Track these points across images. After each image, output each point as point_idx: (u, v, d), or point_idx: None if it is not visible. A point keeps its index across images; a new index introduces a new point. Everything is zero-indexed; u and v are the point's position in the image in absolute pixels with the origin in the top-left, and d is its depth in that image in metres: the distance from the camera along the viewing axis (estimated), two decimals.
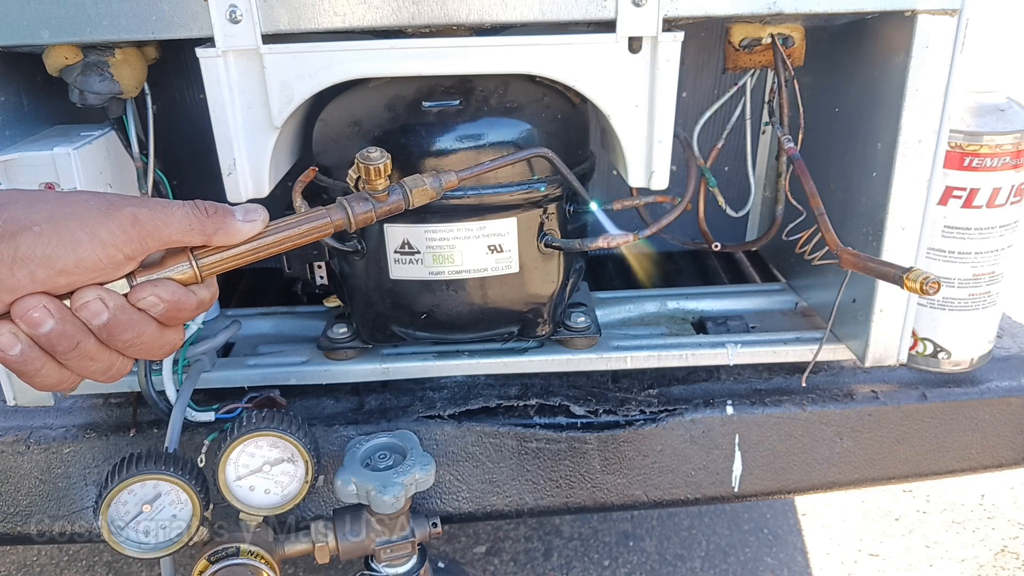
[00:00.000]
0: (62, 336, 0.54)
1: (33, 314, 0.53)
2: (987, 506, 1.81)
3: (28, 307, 0.53)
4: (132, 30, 0.78)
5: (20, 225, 0.52)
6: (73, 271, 0.54)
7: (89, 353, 0.56)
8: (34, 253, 0.52)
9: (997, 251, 0.97)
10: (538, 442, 0.97)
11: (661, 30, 0.80)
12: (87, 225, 0.54)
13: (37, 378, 0.56)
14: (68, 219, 0.53)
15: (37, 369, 0.55)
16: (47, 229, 0.53)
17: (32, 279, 0.53)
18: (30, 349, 0.54)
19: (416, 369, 1.01)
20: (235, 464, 0.82)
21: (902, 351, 0.98)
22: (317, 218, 0.63)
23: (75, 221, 0.54)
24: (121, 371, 0.59)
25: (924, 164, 0.88)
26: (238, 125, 0.84)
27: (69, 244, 0.53)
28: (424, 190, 0.67)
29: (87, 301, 0.55)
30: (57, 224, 0.53)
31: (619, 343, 1.03)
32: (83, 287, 0.55)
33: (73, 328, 0.55)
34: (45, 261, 0.52)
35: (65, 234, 0.53)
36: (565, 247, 0.93)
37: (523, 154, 0.83)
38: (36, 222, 0.53)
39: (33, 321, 0.53)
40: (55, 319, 0.54)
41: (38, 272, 0.52)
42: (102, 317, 0.55)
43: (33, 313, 0.53)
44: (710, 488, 1.01)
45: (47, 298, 0.54)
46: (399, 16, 0.79)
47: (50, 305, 0.54)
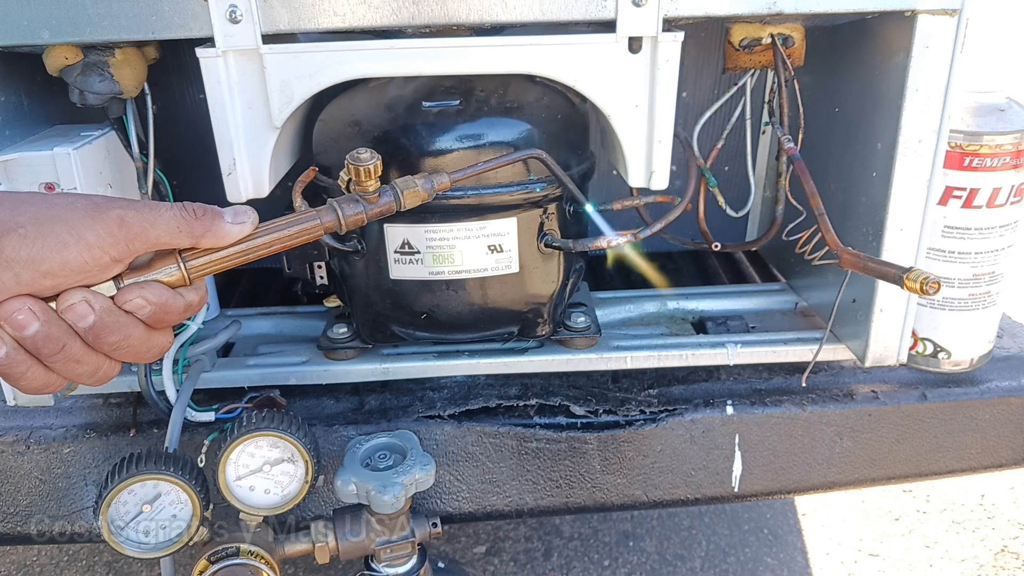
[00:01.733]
0: (47, 339, 0.54)
1: (18, 316, 0.53)
2: (987, 506, 1.81)
3: (13, 309, 0.53)
4: (132, 30, 0.78)
5: (5, 227, 0.52)
6: (59, 273, 0.53)
7: (75, 356, 0.56)
8: (19, 255, 0.52)
9: (997, 251, 0.97)
10: (538, 442, 0.97)
11: (661, 30, 0.80)
12: (73, 227, 0.53)
13: (23, 381, 0.56)
14: (54, 221, 0.53)
15: (23, 372, 0.55)
16: (32, 231, 0.52)
17: (17, 281, 0.52)
18: (15, 352, 0.54)
19: (416, 369, 1.01)
20: (235, 464, 0.82)
21: (902, 351, 0.98)
22: (306, 220, 0.63)
23: (61, 223, 0.53)
24: (108, 374, 0.58)
25: (924, 164, 0.88)
26: (238, 125, 0.84)
27: (55, 246, 0.52)
28: (416, 192, 0.67)
29: (73, 303, 0.54)
30: (43, 226, 0.53)
31: (619, 343, 1.03)
32: (69, 289, 0.54)
33: (59, 331, 0.54)
34: (30, 263, 0.52)
35: (50, 236, 0.52)
36: (565, 247, 0.93)
37: (517, 155, 0.83)
38: (21, 224, 0.52)
39: (18, 323, 0.53)
40: (40, 321, 0.53)
41: (23, 274, 0.52)
42: (88, 320, 0.54)
43: (18, 315, 0.53)
44: (710, 488, 1.01)
45: (32, 300, 0.53)
46: (399, 16, 0.79)
47: (35, 307, 0.53)
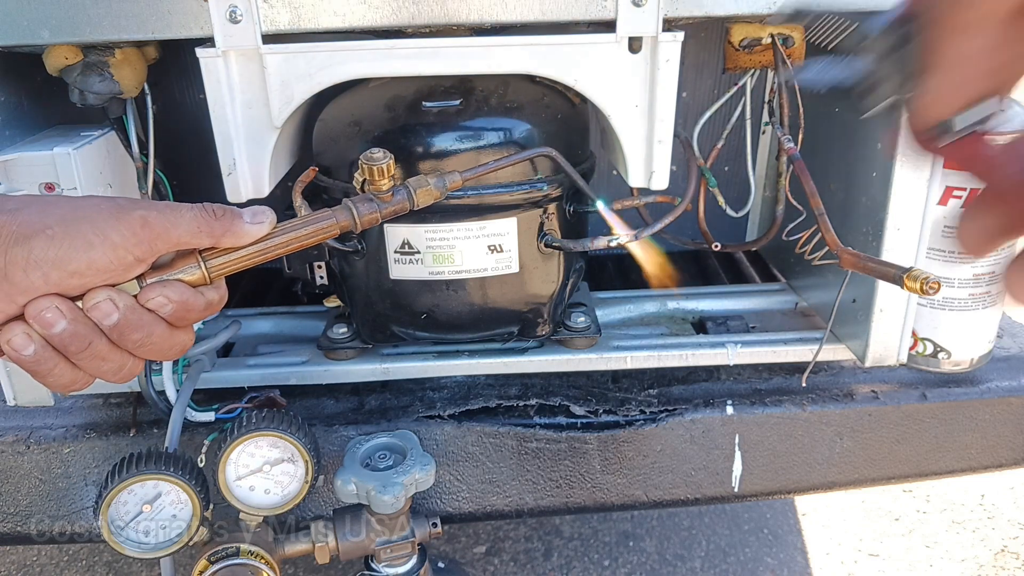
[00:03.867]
0: (74, 336, 0.56)
1: (46, 315, 0.55)
2: (987, 506, 1.81)
3: (41, 308, 0.54)
4: (132, 30, 0.78)
5: (34, 229, 0.54)
6: (85, 273, 0.55)
7: (101, 353, 0.57)
8: (47, 255, 0.53)
9: (997, 251, 0.97)
10: (538, 442, 0.97)
11: (661, 30, 0.80)
12: (98, 228, 0.55)
13: (50, 377, 0.57)
14: (80, 222, 0.55)
15: (50, 369, 0.57)
16: (59, 232, 0.54)
17: (45, 281, 0.54)
18: (43, 349, 0.56)
19: (416, 369, 1.01)
20: (235, 464, 0.82)
21: (902, 351, 0.98)
22: (323, 219, 0.63)
23: (87, 224, 0.55)
24: (133, 371, 0.60)
25: (924, 164, 0.88)
26: (238, 125, 0.84)
27: (81, 247, 0.54)
28: (428, 190, 0.67)
29: (98, 302, 0.56)
30: (69, 227, 0.54)
31: (619, 343, 1.03)
32: (95, 288, 0.56)
33: (85, 328, 0.56)
34: (58, 263, 0.54)
35: (77, 237, 0.54)
36: (565, 247, 0.93)
37: (527, 153, 0.83)
38: (49, 225, 0.54)
39: (46, 322, 0.55)
40: (67, 320, 0.55)
41: (51, 274, 0.54)
42: (113, 318, 0.56)
43: (46, 314, 0.55)
44: (710, 488, 1.01)
45: (60, 299, 0.55)
46: (399, 16, 0.79)
47: (62, 306, 0.55)
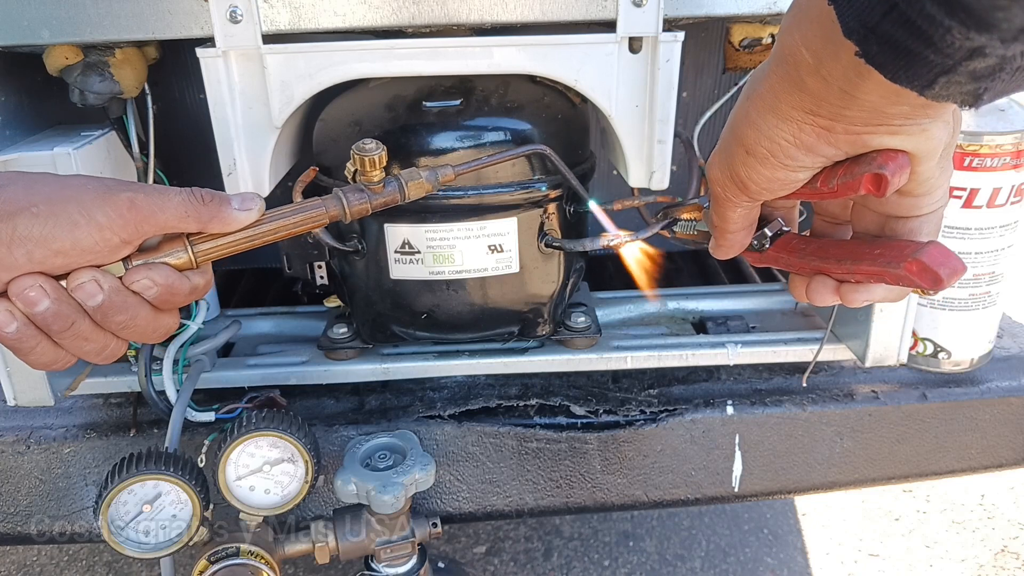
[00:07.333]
0: (57, 316, 0.55)
1: (29, 293, 0.54)
2: (987, 506, 1.81)
3: (25, 286, 0.54)
4: (132, 30, 0.78)
5: (19, 206, 0.53)
6: (70, 252, 0.54)
7: (83, 333, 0.57)
8: (32, 233, 0.53)
9: (997, 251, 0.97)
10: (538, 442, 0.97)
11: (661, 30, 0.80)
12: (84, 208, 0.54)
13: (32, 356, 0.57)
14: (66, 201, 0.54)
15: (32, 347, 0.56)
16: (45, 210, 0.53)
17: (29, 259, 0.53)
18: (26, 327, 0.55)
19: (416, 369, 1.01)
20: (235, 464, 0.82)
21: (902, 351, 0.98)
22: (312, 207, 0.63)
23: (73, 204, 0.54)
24: (115, 353, 0.59)
25: None
26: (238, 125, 0.84)
27: (66, 226, 0.53)
28: (420, 183, 0.67)
29: (82, 282, 0.55)
30: (55, 206, 0.54)
31: (619, 343, 1.03)
32: (79, 269, 0.55)
33: (68, 308, 0.55)
34: (42, 242, 0.53)
35: (63, 216, 0.54)
36: (565, 247, 0.93)
37: (521, 150, 0.82)
38: (35, 203, 0.53)
39: (29, 300, 0.54)
40: (51, 299, 0.54)
41: (35, 252, 0.53)
42: (97, 298, 0.56)
43: (29, 292, 0.54)
44: (710, 488, 1.01)
45: (44, 278, 0.54)
46: (399, 16, 0.79)
47: (46, 285, 0.54)
